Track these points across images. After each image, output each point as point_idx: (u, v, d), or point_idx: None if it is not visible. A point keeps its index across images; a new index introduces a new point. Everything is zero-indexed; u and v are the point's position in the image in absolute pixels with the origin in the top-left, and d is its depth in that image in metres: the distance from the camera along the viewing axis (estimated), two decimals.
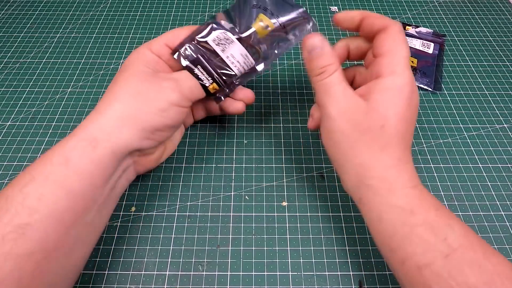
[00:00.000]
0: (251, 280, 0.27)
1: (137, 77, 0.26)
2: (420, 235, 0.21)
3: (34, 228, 0.20)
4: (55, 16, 0.48)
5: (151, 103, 0.25)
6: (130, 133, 0.24)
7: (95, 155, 0.23)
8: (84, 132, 0.24)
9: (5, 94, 0.39)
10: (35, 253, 0.20)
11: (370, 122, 0.24)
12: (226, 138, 0.35)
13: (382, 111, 0.23)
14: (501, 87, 0.40)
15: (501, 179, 0.33)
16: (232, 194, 0.32)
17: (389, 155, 0.23)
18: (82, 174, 0.22)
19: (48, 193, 0.21)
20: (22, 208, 0.20)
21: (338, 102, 0.25)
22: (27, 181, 0.21)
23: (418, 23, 0.48)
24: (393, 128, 0.23)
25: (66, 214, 0.22)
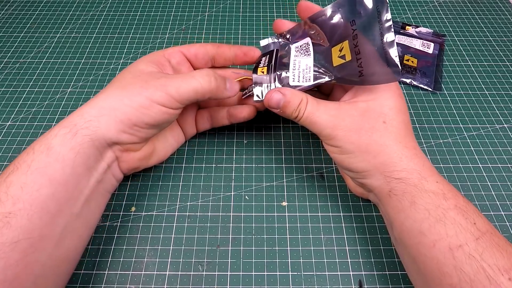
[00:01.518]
0: (251, 280, 0.27)
1: (132, 74, 0.26)
2: (452, 217, 0.21)
3: (18, 217, 0.20)
4: (55, 16, 0.48)
5: (133, 98, 0.25)
6: (108, 124, 0.24)
7: (75, 143, 0.23)
8: (67, 120, 0.24)
9: (5, 94, 0.39)
10: (21, 241, 0.20)
11: (370, 122, 0.24)
12: (226, 138, 0.35)
13: (377, 108, 0.24)
14: (501, 87, 0.40)
15: (501, 179, 0.33)
16: (232, 194, 0.32)
17: (405, 146, 0.24)
18: (64, 162, 0.22)
19: (30, 181, 0.21)
20: (6, 197, 0.21)
21: (328, 122, 0.25)
22: (11, 170, 0.22)
23: (418, 23, 0.48)
24: (395, 121, 0.24)
25: (50, 202, 0.22)
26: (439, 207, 0.22)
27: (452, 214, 0.21)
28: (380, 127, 0.24)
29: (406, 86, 0.40)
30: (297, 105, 0.26)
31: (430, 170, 0.24)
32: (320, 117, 0.25)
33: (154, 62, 0.28)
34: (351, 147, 0.25)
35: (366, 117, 0.24)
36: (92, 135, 0.24)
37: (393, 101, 0.24)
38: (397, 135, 0.24)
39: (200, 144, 0.35)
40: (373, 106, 0.24)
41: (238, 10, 0.49)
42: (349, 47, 0.25)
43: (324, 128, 0.25)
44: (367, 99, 0.25)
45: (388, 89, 0.25)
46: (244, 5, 0.50)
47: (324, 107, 0.26)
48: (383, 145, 0.24)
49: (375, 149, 0.24)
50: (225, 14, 0.49)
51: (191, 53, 0.30)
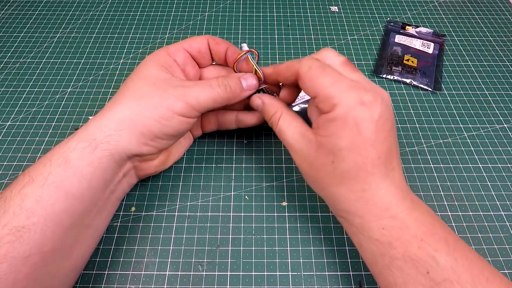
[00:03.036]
0: (251, 280, 0.27)
1: (145, 80, 0.26)
2: (400, 267, 0.20)
3: (31, 231, 0.20)
4: (55, 16, 0.48)
5: (153, 110, 0.24)
6: (129, 137, 0.24)
7: (94, 157, 0.23)
8: (85, 133, 0.23)
9: (5, 94, 0.39)
10: (32, 255, 0.20)
11: (320, 159, 0.23)
12: (226, 138, 0.35)
13: (328, 146, 0.22)
14: (501, 87, 0.40)
15: (501, 179, 0.33)
16: (232, 194, 0.32)
17: (349, 189, 0.22)
18: (81, 176, 0.22)
19: (46, 195, 0.21)
20: (20, 210, 0.20)
21: (292, 146, 0.25)
22: (26, 182, 0.21)
23: (418, 23, 0.48)
24: (343, 163, 0.22)
25: (65, 216, 0.21)
26: (384, 255, 0.21)
27: (399, 264, 0.20)
28: (328, 167, 0.23)
29: (406, 86, 0.40)
30: (270, 116, 0.27)
31: (376, 215, 0.22)
32: (286, 138, 0.26)
33: (163, 65, 0.27)
34: (306, 177, 0.26)
35: (318, 153, 0.23)
36: (112, 149, 0.23)
37: (345, 141, 0.22)
38: (342, 178, 0.22)
39: (200, 144, 0.35)
40: (326, 143, 0.23)
41: (238, 10, 0.49)
42: None
43: (289, 149, 0.26)
44: (323, 134, 0.23)
45: (343, 126, 0.22)
46: (244, 5, 0.50)
47: (294, 129, 0.25)
48: (327, 184, 0.23)
49: (321, 185, 0.24)
50: (225, 14, 0.49)
51: (194, 50, 0.29)
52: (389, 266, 0.21)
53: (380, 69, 0.41)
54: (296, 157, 0.25)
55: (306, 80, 0.24)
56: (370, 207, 0.22)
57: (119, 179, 0.25)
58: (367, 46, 0.45)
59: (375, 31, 0.47)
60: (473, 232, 0.30)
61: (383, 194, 0.22)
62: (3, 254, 0.19)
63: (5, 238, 0.19)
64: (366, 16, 0.49)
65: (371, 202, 0.22)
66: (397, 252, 0.21)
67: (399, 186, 0.22)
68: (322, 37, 0.46)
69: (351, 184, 0.22)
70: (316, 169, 0.24)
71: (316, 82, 0.23)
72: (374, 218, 0.22)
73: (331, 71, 0.23)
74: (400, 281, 0.20)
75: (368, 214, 0.22)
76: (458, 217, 0.30)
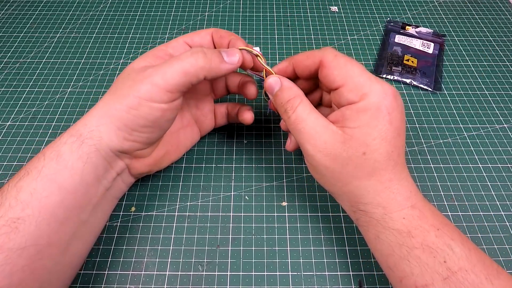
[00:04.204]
0: (251, 280, 0.27)
1: (125, 73, 0.25)
2: (418, 256, 0.21)
3: (26, 222, 0.20)
4: (55, 16, 0.48)
5: (122, 100, 0.23)
6: (108, 133, 0.23)
7: (82, 152, 0.23)
8: (74, 129, 0.24)
9: (5, 94, 0.39)
10: (28, 247, 0.20)
11: (349, 151, 0.22)
12: (226, 138, 0.35)
13: (361, 137, 0.22)
14: (501, 87, 0.40)
15: (501, 179, 0.33)
16: (232, 194, 0.32)
17: (378, 180, 0.22)
18: (72, 170, 0.22)
19: (40, 188, 0.21)
20: (15, 202, 0.20)
21: (311, 138, 0.23)
22: (21, 175, 0.22)
23: (418, 23, 0.48)
24: (376, 153, 0.22)
25: (58, 209, 0.22)
26: (403, 245, 0.21)
27: (418, 253, 0.20)
28: (358, 158, 0.22)
29: (406, 86, 0.40)
30: (287, 100, 0.25)
31: (399, 205, 0.22)
32: (305, 128, 0.24)
33: (150, 56, 0.26)
34: (325, 171, 0.24)
35: (347, 145, 0.22)
36: (96, 144, 0.23)
37: (379, 131, 0.22)
38: (373, 168, 0.22)
39: (200, 144, 0.35)
40: (357, 135, 0.22)
41: (238, 10, 0.49)
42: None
43: (306, 141, 0.24)
44: (353, 126, 0.22)
45: (376, 116, 0.22)
46: (244, 5, 0.50)
47: (314, 120, 0.24)
48: (354, 176, 0.23)
49: (346, 179, 0.23)
50: (225, 14, 0.49)
51: (196, 44, 0.28)
52: (406, 256, 0.21)
53: (380, 69, 0.41)
54: (315, 151, 0.23)
55: (333, 68, 0.23)
56: (395, 196, 0.22)
57: (113, 176, 0.25)
58: (367, 46, 0.45)
59: (375, 31, 0.47)
60: (473, 232, 0.30)
61: (404, 183, 0.22)
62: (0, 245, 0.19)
63: (1, 229, 0.20)
64: (366, 16, 0.49)
65: (396, 191, 0.22)
66: (416, 241, 0.21)
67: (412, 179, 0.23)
68: (322, 37, 0.46)
69: (381, 175, 0.22)
70: (342, 162, 0.23)
71: (345, 69, 0.23)
72: (396, 208, 0.22)
73: (356, 62, 0.23)
74: (417, 270, 0.20)
75: (392, 204, 0.22)
76: (458, 217, 0.30)
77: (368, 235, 0.24)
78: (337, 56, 0.24)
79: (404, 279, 0.21)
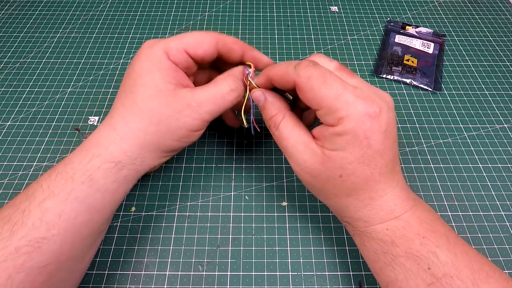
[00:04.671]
0: (251, 280, 0.27)
1: (157, 100, 0.24)
2: (402, 263, 0.21)
3: (51, 242, 0.20)
4: (55, 16, 0.48)
5: (173, 132, 0.25)
6: (153, 156, 0.25)
7: (120, 176, 0.23)
8: (108, 154, 0.23)
9: (5, 94, 0.39)
10: (49, 265, 0.20)
11: (327, 172, 0.22)
12: (226, 138, 0.35)
13: (337, 161, 0.22)
14: (501, 87, 0.40)
15: (501, 179, 0.33)
16: (232, 194, 0.32)
17: (357, 199, 0.22)
18: (106, 192, 0.23)
19: (69, 209, 0.21)
20: (40, 223, 0.20)
21: (293, 156, 0.24)
22: (46, 196, 0.21)
23: (418, 23, 0.48)
24: (352, 176, 0.22)
25: (84, 227, 0.22)
26: (387, 253, 0.21)
27: (402, 260, 0.21)
28: (335, 180, 0.22)
29: (406, 86, 0.40)
30: (270, 117, 0.25)
31: (381, 218, 0.22)
32: (287, 146, 0.24)
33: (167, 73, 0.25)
34: (308, 186, 0.25)
35: (324, 166, 0.22)
36: (137, 168, 0.24)
37: (355, 155, 0.21)
38: (350, 189, 0.22)
39: (200, 144, 0.35)
40: (333, 157, 0.22)
41: (238, 10, 0.49)
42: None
43: (288, 158, 0.24)
44: (330, 148, 0.22)
45: (353, 141, 0.21)
46: (244, 5, 0.50)
47: (296, 137, 0.24)
48: (333, 194, 0.23)
49: (326, 195, 0.24)
50: (225, 14, 0.49)
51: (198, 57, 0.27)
52: (391, 263, 0.21)
53: (380, 69, 0.41)
54: (297, 168, 0.24)
55: (306, 92, 0.22)
56: (377, 212, 0.22)
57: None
58: (367, 46, 0.45)
59: (375, 31, 0.47)
60: (473, 232, 0.30)
61: (388, 198, 0.22)
62: (20, 264, 0.19)
63: (22, 249, 0.20)
64: (366, 16, 0.49)
65: (378, 208, 0.22)
66: (399, 249, 0.21)
67: (402, 187, 0.23)
68: (322, 37, 0.46)
69: (360, 194, 0.22)
70: (322, 181, 0.23)
71: (319, 94, 0.21)
72: (379, 221, 0.22)
73: (334, 79, 0.22)
74: (401, 277, 0.21)
75: (373, 218, 0.22)
76: (458, 217, 0.30)
77: (355, 241, 0.25)
78: (310, 78, 0.22)
79: (390, 284, 0.21)
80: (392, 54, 0.43)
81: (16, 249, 0.19)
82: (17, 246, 0.19)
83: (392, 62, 0.42)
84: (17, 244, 0.20)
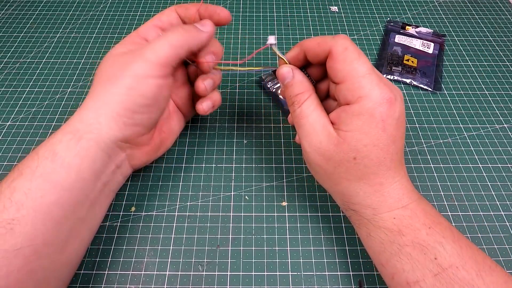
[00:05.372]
0: (251, 280, 0.27)
1: (109, 61, 0.25)
2: (408, 253, 0.21)
3: (22, 223, 0.20)
4: (55, 16, 0.48)
5: (118, 83, 0.24)
6: (108, 122, 0.23)
7: (80, 148, 0.23)
8: (69, 125, 0.23)
9: (5, 94, 0.39)
10: (24, 248, 0.20)
11: (341, 154, 0.23)
12: (226, 138, 0.35)
13: (352, 142, 0.22)
14: (501, 87, 0.40)
15: (501, 179, 0.33)
16: (232, 194, 0.32)
17: (368, 183, 0.23)
18: (69, 167, 0.22)
19: (35, 188, 0.21)
20: (10, 203, 0.20)
21: (309, 135, 0.24)
22: (15, 176, 0.21)
23: (418, 23, 0.48)
24: (366, 159, 0.22)
25: (54, 208, 0.21)
26: (393, 242, 0.22)
27: (408, 250, 0.21)
28: (349, 162, 0.22)
29: (406, 86, 0.40)
30: (296, 94, 0.25)
31: (389, 206, 0.22)
32: (305, 124, 0.24)
33: (127, 43, 0.26)
34: (318, 169, 0.25)
35: (339, 149, 0.23)
36: (96, 138, 0.23)
37: (370, 137, 0.22)
38: (363, 173, 0.22)
39: (200, 144, 0.35)
40: (348, 139, 0.22)
41: (238, 10, 0.49)
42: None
43: (304, 137, 0.24)
44: (346, 129, 0.22)
45: (369, 122, 0.22)
46: (244, 5, 0.50)
47: (316, 117, 0.24)
48: (345, 178, 0.23)
49: (337, 179, 0.24)
50: None
51: (165, 24, 0.28)
52: (397, 253, 0.21)
53: (380, 69, 0.41)
54: (309, 149, 0.24)
55: (339, 62, 0.22)
56: (385, 199, 0.22)
57: (112, 170, 0.25)
58: (367, 46, 0.45)
59: (375, 31, 0.47)
60: (473, 232, 0.30)
61: (397, 186, 0.23)
62: None
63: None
64: (366, 16, 0.49)
65: (387, 195, 0.22)
66: (406, 239, 0.21)
67: (408, 179, 0.23)
68: None
69: (371, 179, 0.23)
70: (334, 164, 0.23)
71: (350, 66, 0.22)
72: (387, 209, 0.22)
73: (366, 59, 0.22)
74: (408, 267, 0.21)
75: (382, 206, 0.22)
76: (458, 217, 0.30)
77: (360, 232, 0.24)
78: (346, 49, 0.23)
79: (396, 275, 0.21)
80: (392, 54, 0.43)
81: None
82: None
83: (392, 62, 0.42)
84: None
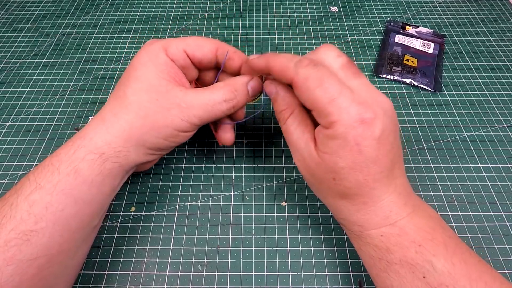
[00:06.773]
0: (251, 280, 0.27)
1: (147, 94, 0.24)
2: (397, 271, 0.21)
3: (40, 235, 0.20)
4: (55, 16, 0.48)
5: (160, 130, 0.24)
6: (137, 151, 0.25)
7: (104, 168, 0.23)
8: (93, 145, 0.23)
9: (5, 94, 0.39)
10: (39, 258, 0.20)
11: (321, 174, 0.23)
12: None
13: (329, 164, 0.22)
14: (501, 87, 0.40)
15: (501, 179, 0.33)
16: (232, 194, 0.32)
17: (351, 203, 0.22)
18: (91, 184, 0.23)
19: (55, 202, 0.21)
20: (28, 216, 0.20)
21: (295, 151, 0.24)
22: (32, 189, 0.21)
23: (418, 23, 0.48)
24: (345, 181, 0.22)
25: (73, 220, 0.22)
26: (382, 259, 0.21)
27: (397, 268, 0.21)
28: (329, 182, 0.22)
29: (406, 86, 0.40)
30: (280, 111, 0.25)
31: (376, 224, 0.22)
32: (291, 141, 0.25)
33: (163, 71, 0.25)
34: (307, 182, 0.25)
35: (319, 168, 0.23)
36: (122, 161, 0.24)
37: (346, 161, 0.21)
38: (344, 193, 0.22)
39: (200, 144, 0.35)
40: (326, 160, 0.22)
41: (238, 10, 0.49)
42: None
43: (292, 152, 0.25)
44: (323, 151, 0.22)
45: (343, 146, 0.21)
46: (244, 5, 0.50)
47: (299, 134, 0.24)
48: (329, 195, 0.23)
49: (322, 194, 0.24)
50: (225, 14, 0.49)
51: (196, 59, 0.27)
52: (386, 269, 0.21)
53: (380, 69, 0.41)
54: (298, 163, 0.25)
55: (302, 91, 0.22)
56: (371, 217, 0.22)
57: (124, 181, 0.26)
58: (367, 46, 0.45)
59: (375, 31, 0.47)
60: (473, 232, 0.30)
61: (383, 204, 0.22)
62: (9, 257, 0.19)
63: (12, 242, 0.20)
64: (366, 16, 0.49)
65: (372, 213, 0.22)
66: (394, 257, 0.21)
67: (401, 193, 0.22)
68: (322, 37, 0.46)
69: (354, 199, 0.22)
70: (317, 180, 0.23)
71: (313, 95, 0.21)
72: (373, 227, 0.22)
73: (331, 82, 0.21)
74: (396, 284, 0.21)
75: (368, 223, 0.22)
76: (458, 217, 0.30)
77: (353, 244, 0.25)
78: (307, 79, 0.22)
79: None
80: (392, 54, 0.43)
81: (5, 242, 0.19)
82: (6, 239, 0.20)
83: (392, 62, 0.42)
84: (6, 237, 0.20)
